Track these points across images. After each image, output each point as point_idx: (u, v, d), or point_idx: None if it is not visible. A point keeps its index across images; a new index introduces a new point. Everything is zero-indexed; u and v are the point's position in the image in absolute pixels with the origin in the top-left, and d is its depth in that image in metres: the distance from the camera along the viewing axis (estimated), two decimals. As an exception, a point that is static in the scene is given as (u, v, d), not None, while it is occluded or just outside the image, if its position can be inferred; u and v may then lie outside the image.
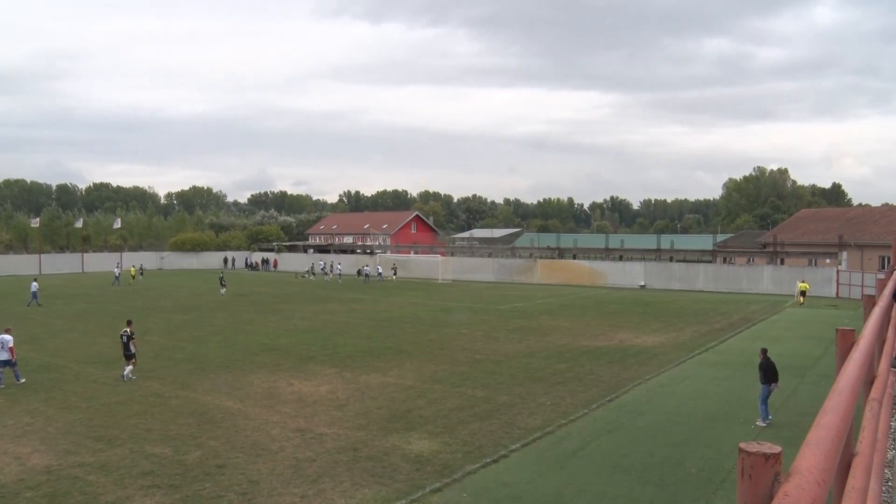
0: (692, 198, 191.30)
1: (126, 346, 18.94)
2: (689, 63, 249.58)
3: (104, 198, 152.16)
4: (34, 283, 39.67)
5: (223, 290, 45.06)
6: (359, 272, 61.19)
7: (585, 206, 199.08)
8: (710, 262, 58.75)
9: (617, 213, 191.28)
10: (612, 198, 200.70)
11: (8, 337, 18.39)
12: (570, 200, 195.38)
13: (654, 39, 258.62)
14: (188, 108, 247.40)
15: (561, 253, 69.03)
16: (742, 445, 1.53)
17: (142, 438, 13.67)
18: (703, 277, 52.50)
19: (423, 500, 10.62)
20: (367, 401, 16.72)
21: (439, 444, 13.36)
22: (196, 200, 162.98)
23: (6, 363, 18.25)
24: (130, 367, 18.94)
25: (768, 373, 15.02)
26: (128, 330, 19.19)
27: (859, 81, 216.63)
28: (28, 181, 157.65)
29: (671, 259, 61.67)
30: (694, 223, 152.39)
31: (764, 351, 15.54)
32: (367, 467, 12.01)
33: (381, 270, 60.81)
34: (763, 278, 49.91)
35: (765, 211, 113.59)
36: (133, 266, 60.95)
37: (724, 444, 13.36)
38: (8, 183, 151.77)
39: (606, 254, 67.57)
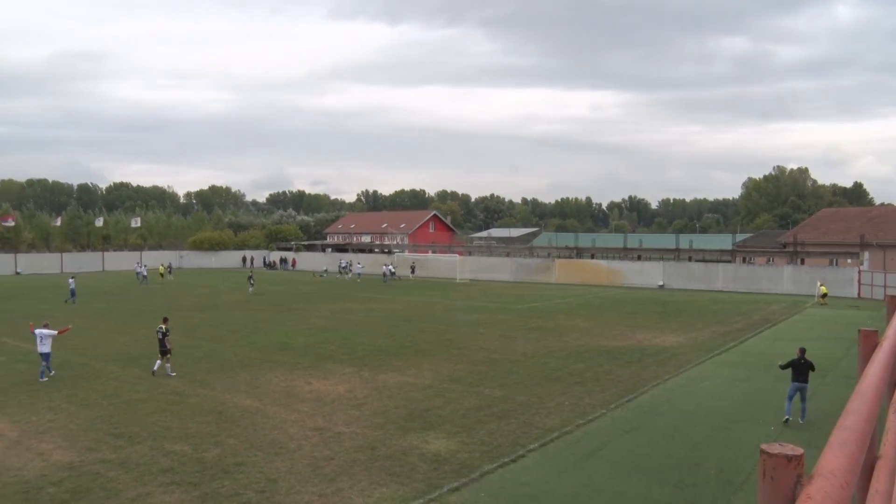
0: (711, 197, 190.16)
1: (162, 342, 19.39)
2: (707, 62, 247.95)
3: (124, 197, 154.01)
4: (71, 281, 40.26)
5: (251, 289, 46.26)
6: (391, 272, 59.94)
7: (603, 206, 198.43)
8: (729, 261, 58.22)
9: (635, 213, 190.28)
10: (630, 197, 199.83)
11: (47, 331, 19.05)
12: (588, 200, 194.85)
13: (671, 38, 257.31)
14: (206, 108, 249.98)
15: (579, 252, 68.78)
16: (763, 447, 1.52)
17: (161, 436, 13.80)
18: (723, 277, 52.02)
19: (441, 499, 10.62)
20: (384, 400, 16.76)
21: (457, 443, 13.35)
22: (215, 200, 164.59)
23: (49, 356, 18.91)
24: (169, 364, 19.58)
25: (798, 370, 14.90)
26: (163, 327, 19.69)
27: (880, 79, 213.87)
28: (50, 181, 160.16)
29: (690, 259, 61.21)
30: (713, 223, 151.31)
31: (802, 350, 15.40)
32: (384, 466, 12.03)
33: (393, 270, 60.38)
34: (783, 278, 49.35)
35: (785, 210, 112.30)
36: (161, 265, 61.59)
37: (743, 445, 13.23)
38: (31, 183, 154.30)
39: (625, 253, 67.28)
